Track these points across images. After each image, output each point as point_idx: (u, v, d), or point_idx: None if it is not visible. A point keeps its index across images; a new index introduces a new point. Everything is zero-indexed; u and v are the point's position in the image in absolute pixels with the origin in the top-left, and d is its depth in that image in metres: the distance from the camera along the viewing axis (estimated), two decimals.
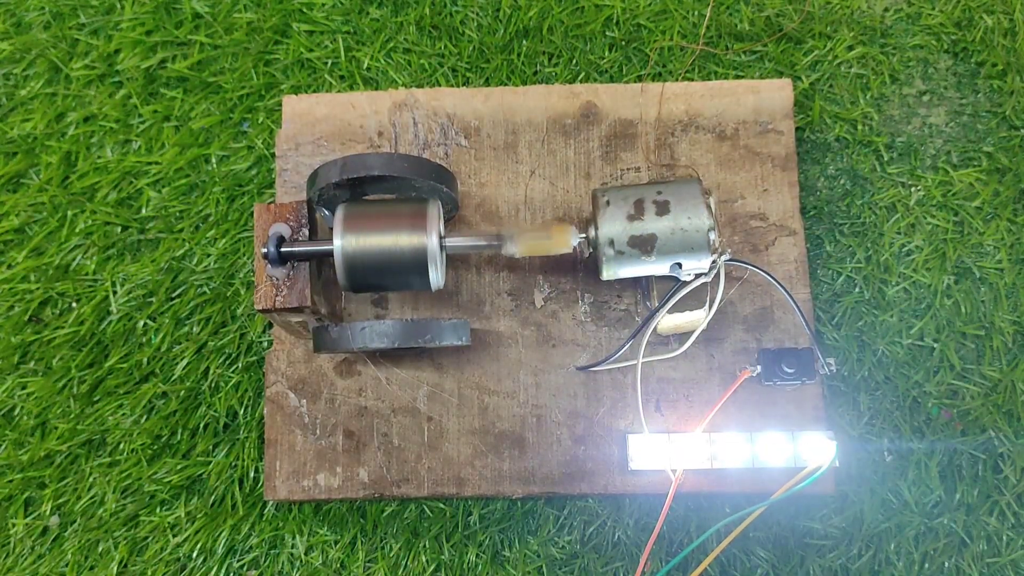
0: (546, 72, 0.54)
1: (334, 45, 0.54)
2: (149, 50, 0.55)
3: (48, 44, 0.55)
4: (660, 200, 0.41)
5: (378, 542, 0.47)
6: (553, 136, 0.50)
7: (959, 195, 0.51)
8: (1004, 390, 0.47)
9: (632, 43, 0.54)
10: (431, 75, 0.54)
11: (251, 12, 0.55)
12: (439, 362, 0.47)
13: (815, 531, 0.46)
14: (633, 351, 0.45)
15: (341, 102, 0.51)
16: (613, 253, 0.41)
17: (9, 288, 0.51)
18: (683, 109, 0.50)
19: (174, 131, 0.53)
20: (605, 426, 0.46)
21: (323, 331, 0.42)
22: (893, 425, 0.47)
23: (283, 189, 0.50)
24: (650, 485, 0.45)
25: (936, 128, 0.52)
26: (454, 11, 0.55)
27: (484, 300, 0.48)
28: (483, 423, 0.46)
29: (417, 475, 0.46)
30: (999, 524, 0.46)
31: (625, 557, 0.46)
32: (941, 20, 0.54)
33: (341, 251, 0.40)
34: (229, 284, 0.51)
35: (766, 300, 0.47)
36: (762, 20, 0.54)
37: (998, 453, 0.47)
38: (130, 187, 0.53)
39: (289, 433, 0.46)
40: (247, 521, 0.47)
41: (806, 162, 0.51)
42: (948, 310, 0.49)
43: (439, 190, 0.43)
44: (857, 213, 0.50)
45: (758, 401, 0.46)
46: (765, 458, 0.44)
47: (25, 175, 0.53)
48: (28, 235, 0.52)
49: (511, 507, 0.47)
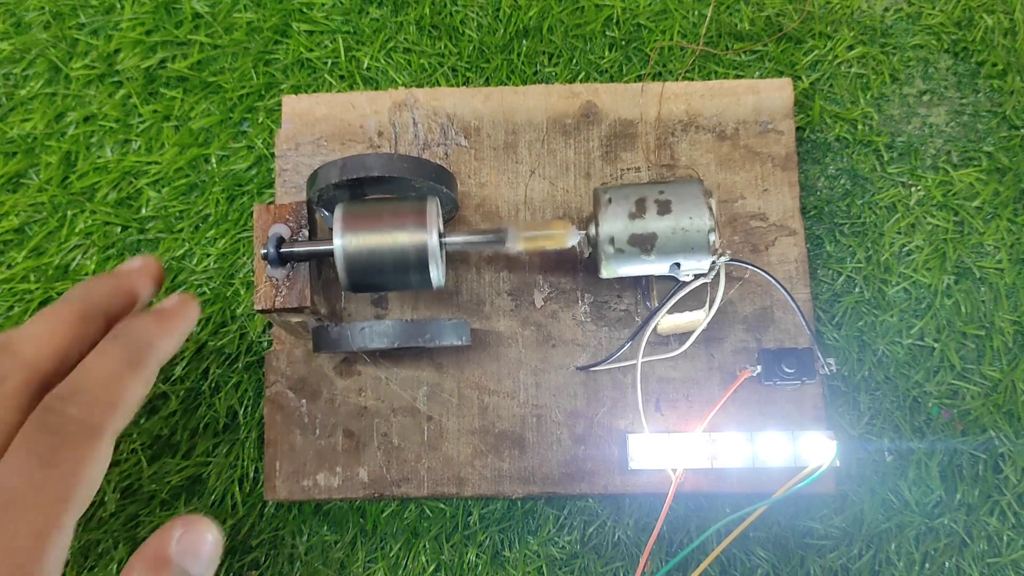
0: (546, 72, 0.54)
1: (334, 45, 0.54)
2: (149, 50, 0.55)
3: (48, 44, 0.55)
4: (662, 199, 0.41)
5: (378, 542, 0.47)
6: (553, 136, 0.50)
7: (959, 195, 0.51)
8: (1004, 390, 0.47)
9: (632, 43, 0.54)
10: (431, 75, 0.54)
11: (251, 12, 0.55)
12: (439, 362, 0.47)
13: (815, 531, 0.46)
14: (633, 351, 0.45)
15: (341, 102, 0.51)
16: (613, 251, 0.41)
17: (9, 288, 0.51)
18: (683, 109, 0.50)
19: (174, 131, 0.53)
20: (605, 426, 0.46)
21: (323, 331, 0.42)
22: (893, 425, 0.47)
23: (283, 189, 0.50)
24: (650, 485, 0.45)
25: (936, 128, 0.52)
26: (454, 11, 0.55)
27: (484, 300, 0.48)
28: (483, 423, 0.46)
29: (417, 475, 0.46)
30: (1000, 524, 0.46)
31: (625, 557, 0.46)
32: (941, 20, 0.54)
33: (341, 251, 0.40)
34: (229, 284, 0.51)
35: (766, 300, 0.47)
36: (762, 20, 0.54)
37: (998, 453, 0.47)
38: (130, 187, 0.53)
39: (289, 433, 0.46)
40: (247, 521, 0.47)
41: (806, 162, 0.51)
42: (948, 310, 0.49)
43: (439, 190, 0.43)
44: (857, 213, 0.50)
45: (758, 401, 0.46)
46: (765, 458, 0.44)
47: (25, 175, 0.53)
48: (28, 235, 0.52)
49: (511, 507, 0.47)
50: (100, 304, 0.35)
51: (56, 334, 0.33)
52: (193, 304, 0.37)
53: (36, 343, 0.32)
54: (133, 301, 0.37)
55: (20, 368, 0.31)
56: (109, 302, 0.36)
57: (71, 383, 0.32)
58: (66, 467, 0.29)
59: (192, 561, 0.31)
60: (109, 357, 0.33)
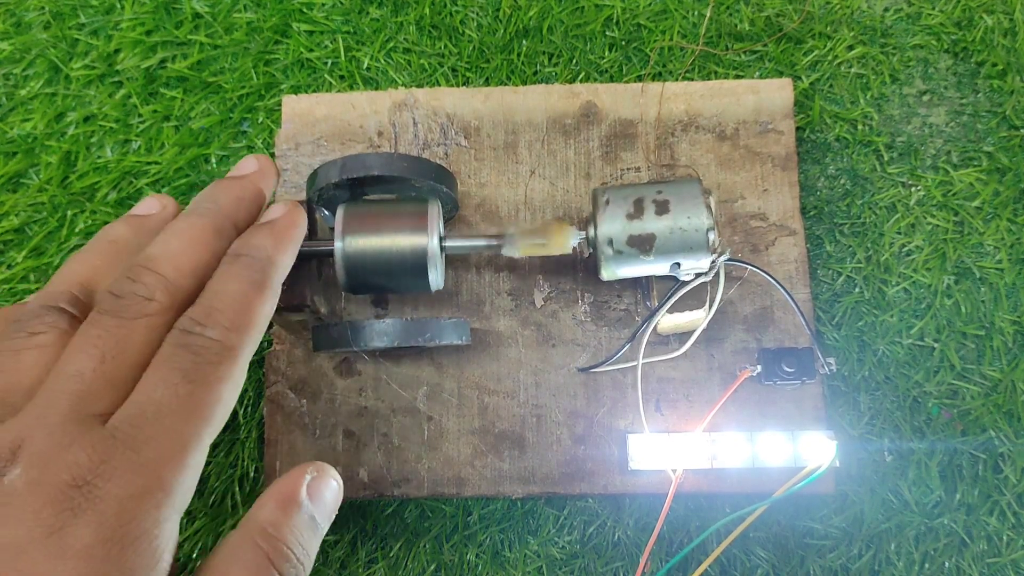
0: (546, 72, 0.54)
1: (334, 45, 0.54)
2: (149, 50, 0.55)
3: (48, 44, 0.55)
4: (660, 199, 0.41)
5: (378, 542, 0.47)
6: (553, 136, 0.50)
7: (959, 195, 0.51)
8: (1004, 390, 0.47)
9: (632, 43, 0.54)
10: (431, 75, 0.54)
11: (251, 12, 0.55)
12: (439, 362, 0.47)
13: (815, 531, 0.46)
14: (633, 351, 0.45)
15: (341, 102, 0.51)
16: (612, 252, 0.41)
17: (9, 288, 0.51)
18: (683, 109, 0.50)
19: (174, 131, 0.53)
20: (605, 426, 0.46)
21: (323, 331, 0.42)
22: (893, 425, 0.47)
23: (283, 189, 0.50)
24: (650, 485, 0.45)
25: (936, 128, 0.52)
26: (454, 11, 0.55)
27: (484, 300, 0.48)
28: (483, 423, 0.46)
29: (417, 475, 0.46)
30: (999, 524, 0.46)
31: (625, 557, 0.46)
32: (941, 20, 0.54)
33: (341, 252, 0.40)
34: None
35: (766, 300, 0.47)
36: (762, 20, 0.54)
37: (998, 453, 0.47)
38: (130, 187, 0.53)
39: (289, 433, 0.46)
40: None
41: (806, 162, 0.51)
42: (948, 310, 0.49)
43: (439, 190, 0.43)
44: (857, 213, 0.50)
45: (758, 401, 0.46)
46: (765, 458, 0.44)
47: (25, 175, 0.54)
48: (28, 235, 0.52)
49: (511, 507, 0.47)
50: (230, 215, 0.36)
51: (194, 251, 0.33)
52: (301, 212, 0.37)
53: (175, 262, 0.33)
54: (259, 205, 0.37)
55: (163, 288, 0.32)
56: (237, 210, 0.36)
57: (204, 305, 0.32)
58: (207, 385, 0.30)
59: (318, 506, 0.34)
60: (237, 279, 0.33)
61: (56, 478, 0.26)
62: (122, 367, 0.30)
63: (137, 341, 0.30)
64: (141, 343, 0.30)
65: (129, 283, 0.31)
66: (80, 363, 0.29)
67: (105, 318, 0.30)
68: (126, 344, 0.30)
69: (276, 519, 0.32)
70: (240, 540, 0.31)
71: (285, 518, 0.32)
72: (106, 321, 0.30)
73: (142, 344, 0.30)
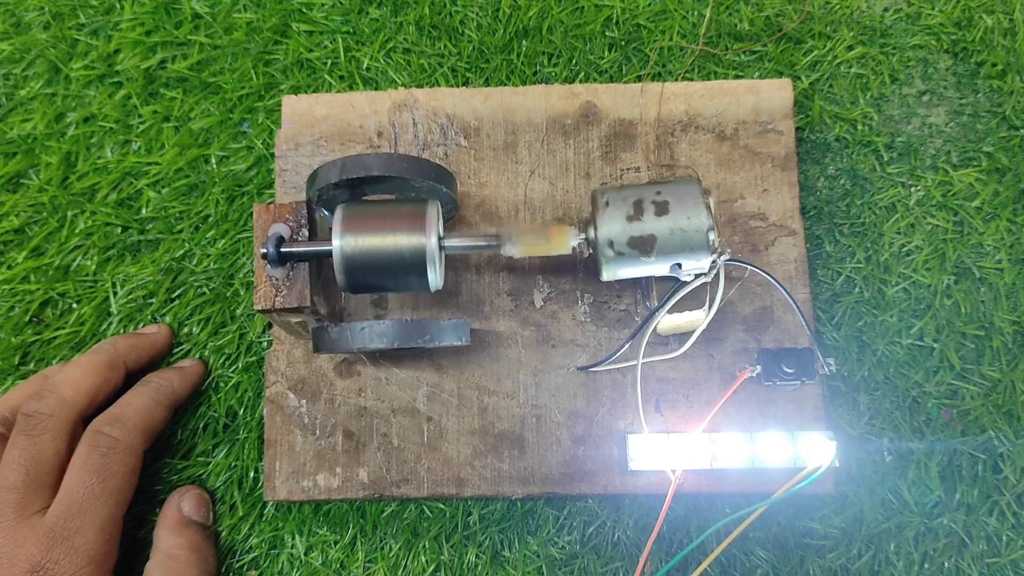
0: (546, 72, 0.54)
1: (334, 45, 0.54)
2: (149, 50, 0.55)
3: (48, 44, 0.55)
4: (659, 200, 0.41)
5: (378, 542, 0.47)
6: (553, 136, 0.50)
7: (959, 195, 0.51)
8: (1004, 390, 0.47)
9: (632, 43, 0.54)
10: (431, 75, 0.54)
11: (251, 12, 0.55)
12: (439, 362, 0.47)
13: (815, 531, 0.46)
14: (633, 351, 0.45)
15: (341, 102, 0.51)
16: (613, 254, 0.41)
17: (9, 288, 0.51)
18: (683, 109, 0.50)
19: (174, 131, 0.53)
20: (605, 426, 0.46)
21: (323, 331, 0.42)
22: (893, 425, 0.47)
23: (282, 189, 0.50)
24: (650, 485, 0.45)
25: (936, 128, 0.52)
26: (454, 11, 0.55)
27: (484, 300, 0.48)
28: (483, 423, 0.46)
29: (417, 475, 0.46)
30: (999, 524, 0.46)
31: (625, 557, 0.46)
32: (941, 20, 0.54)
33: (340, 252, 0.40)
34: (229, 284, 0.51)
35: (766, 300, 0.47)
36: (762, 20, 0.54)
37: (998, 453, 0.47)
38: (130, 188, 0.53)
39: (289, 433, 0.46)
40: (247, 521, 0.47)
41: (806, 162, 0.51)
42: (948, 310, 0.49)
43: (439, 190, 0.43)
44: (857, 213, 0.50)
45: (758, 401, 0.46)
46: (765, 458, 0.44)
47: (25, 175, 0.54)
48: (28, 235, 0.52)
49: (511, 507, 0.47)
50: (123, 355, 0.46)
51: (89, 378, 0.44)
52: (202, 366, 0.49)
53: (74, 386, 0.44)
54: (151, 355, 0.48)
55: (63, 405, 0.43)
56: (130, 353, 0.47)
57: (113, 412, 0.43)
58: (115, 478, 0.42)
59: (203, 515, 0.46)
60: (141, 396, 0.45)
61: (20, 569, 0.38)
62: (43, 474, 0.41)
63: (48, 452, 0.41)
64: (52, 452, 0.41)
65: (36, 403, 0.42)
66: (13, 477, 0.40)
67: (21, 437, 0.41)
68: (40, 457, 0.41)
69: (174, 542, 0.44)
70: (154, 567, 0.43)
71: (180, 539, 0.44)
72: (22, 441, 0.41)
73: (52, 453, 0.41)
